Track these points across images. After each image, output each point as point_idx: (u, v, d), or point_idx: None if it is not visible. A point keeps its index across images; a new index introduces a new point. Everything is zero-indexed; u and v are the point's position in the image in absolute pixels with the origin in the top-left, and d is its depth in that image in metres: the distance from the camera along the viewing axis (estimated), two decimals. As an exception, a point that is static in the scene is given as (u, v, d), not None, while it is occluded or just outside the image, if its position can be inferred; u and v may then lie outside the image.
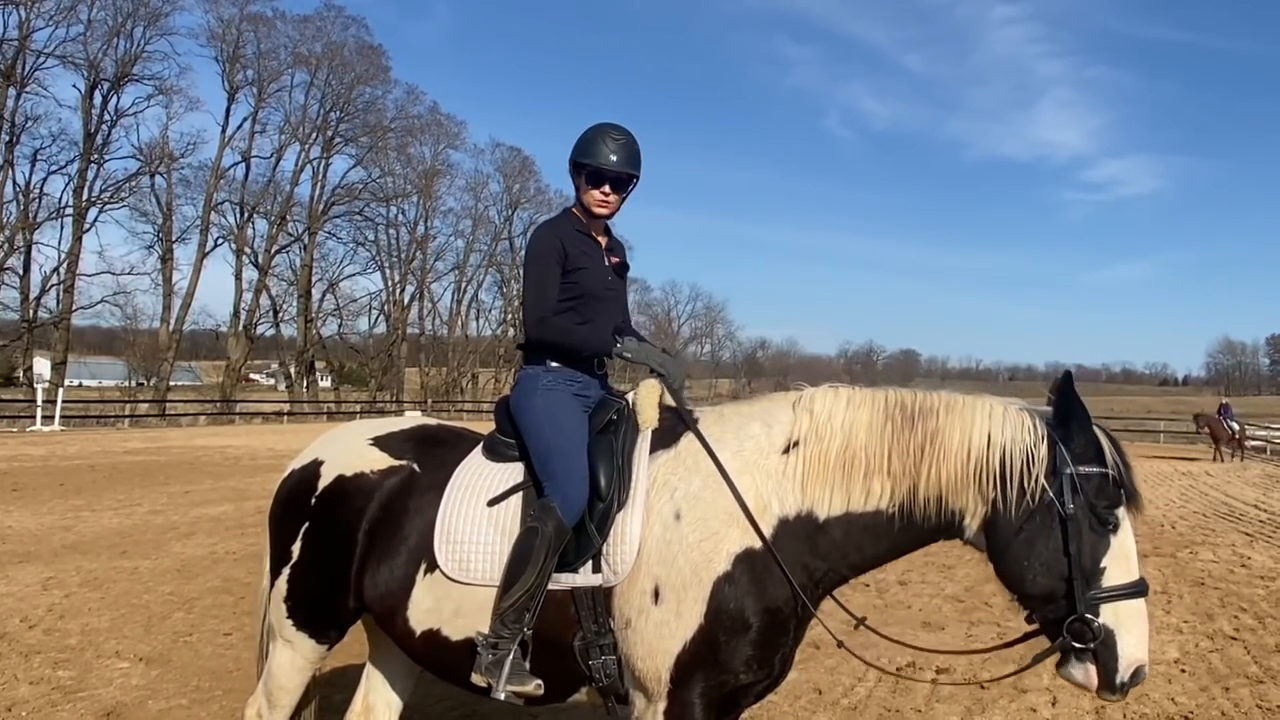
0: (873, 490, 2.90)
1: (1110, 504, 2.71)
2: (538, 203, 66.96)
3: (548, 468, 3.14)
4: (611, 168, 3.34)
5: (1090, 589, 2.67)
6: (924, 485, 2.84)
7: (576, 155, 3.38)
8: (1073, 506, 2.69)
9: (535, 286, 3.34)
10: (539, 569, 2.98)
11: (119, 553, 9.88)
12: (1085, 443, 2.75)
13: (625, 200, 3.48)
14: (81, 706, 5.25)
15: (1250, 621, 7.80)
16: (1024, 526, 2.75)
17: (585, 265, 3.39)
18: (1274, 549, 11.59)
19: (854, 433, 2.93)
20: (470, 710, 5.20)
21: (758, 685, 3.01)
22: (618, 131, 3.39)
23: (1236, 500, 17.36)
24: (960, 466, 2.81)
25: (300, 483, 3.56)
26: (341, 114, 55.58)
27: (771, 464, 3.00)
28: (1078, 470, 2.71)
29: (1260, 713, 5.50)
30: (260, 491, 15.26)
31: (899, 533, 2.94)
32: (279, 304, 55.92)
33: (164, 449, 24.80)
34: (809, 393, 3.10)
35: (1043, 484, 2.72)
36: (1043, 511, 2.73)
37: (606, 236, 3.59)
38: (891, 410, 2.95)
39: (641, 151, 3.44)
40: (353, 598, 3.40)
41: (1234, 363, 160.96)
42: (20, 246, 44.94)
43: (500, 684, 2.99)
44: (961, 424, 2.86)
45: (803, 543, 2.94)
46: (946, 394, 3.01)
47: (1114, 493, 2.72)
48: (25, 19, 42.56)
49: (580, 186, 3.42)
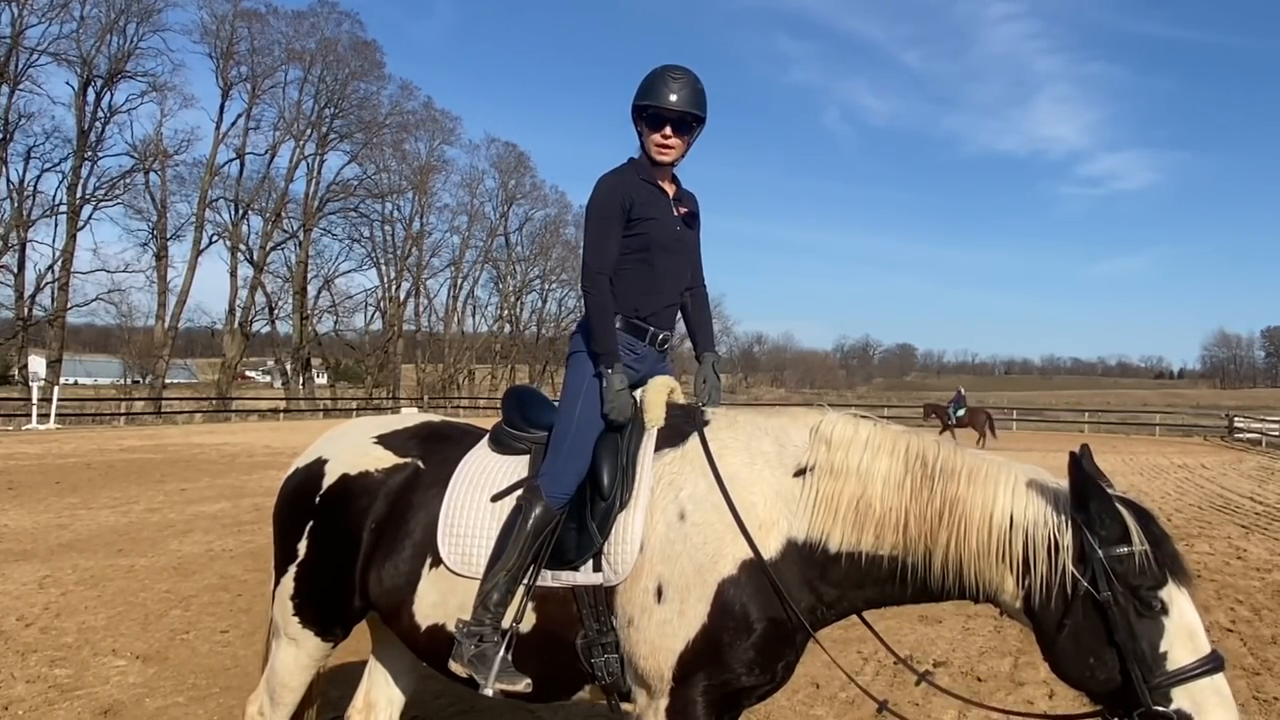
0: (885, 542, 2.80)
1: (1153, 584, 2.46)
2: (533, 198, 67.05)
3: (558, 449, 3.12)
4: (673, 107, 3.18)
5: (1155, 677, 2.43)
6: (940, 554, 2.72)
7: (637, 99, 3.24)
8: (1109, 593, 2.47)
9: (595, 242, 3.21)
10: (519, 549, 2.98)
11: (115, 551, 9.86)
12: (1110, 522, 2.51)
13: (691, 145, 3.32)
14: (79, 705, 5.24)
15: (1246, 613, 7.82)
16: (1065, 619, 2.55)
17: (653, 215, 3.24)
18: (1270, 541, 11.62)
19: (870, 480, 2.81)
20: (468, 706, 5.20)
21: (760, 688, 2.99)
22: (678, 71, 3.24)
23: (1232, 493, 17.39)
24: (981, 545, 2.67)
25: (305, 481, 3.56)
26: (336, 110, 55.40)
27: (784, 484, 2.94)
28: (1108, 553, 2.49)
29: (1257, 704, 5.52)
30: (257, 489, 15.25)
31: (917, 587, 2.83)
32: (274, 301, 55.86)
33: (160, 447, 24.74)
34: (828, 420, 2.99)
35: (1073, 572, 2.53)
36: (1081, 601, 2.52)
37: (674, 185, 3.40)
38: (912, 464, 2.81)
39: (706, 93, 3.25)
40: (358, 596, 3.40)
41: (1229, 355, 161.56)
42: (14, 244, 44.76)
43: (489, 680, 2.99)
44: (983, 498, 2.70)
45: (814, 567, 2.88)
46: (971, 457, 2.84)
47: (1154, 572, 2.47)
48: (18, 16, 42.38)
49: (642, 132, 3.28)
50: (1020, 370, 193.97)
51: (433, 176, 61.07)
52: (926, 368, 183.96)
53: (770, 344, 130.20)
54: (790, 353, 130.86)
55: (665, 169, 3.35)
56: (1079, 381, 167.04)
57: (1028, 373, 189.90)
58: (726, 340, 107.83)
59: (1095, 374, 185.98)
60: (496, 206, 66.35)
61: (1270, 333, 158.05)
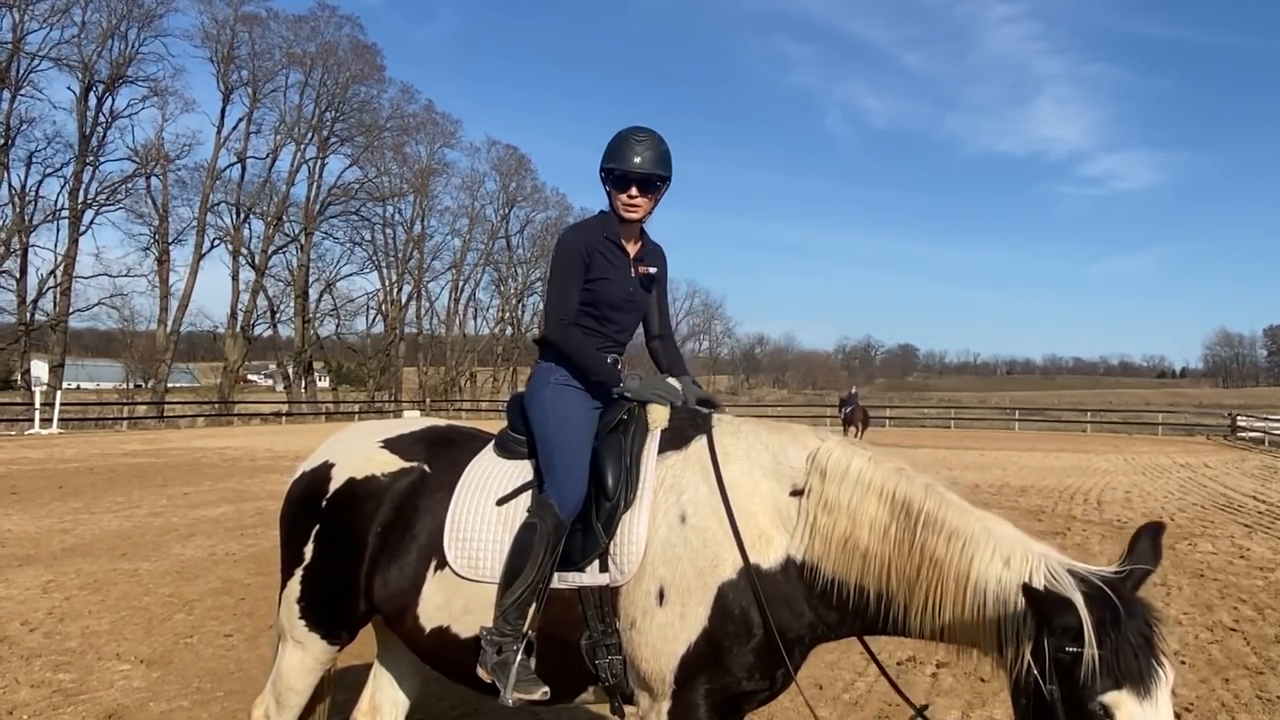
0: (870, 584, 2.81)
1: (1099, 690, 2.34)
2: (534, 200, 67.13)
3: (549, 462, 3.17)
4: (637, 170, 3.31)
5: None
6: (915, 609, 2.73)
7: (604, 161, 3.37)
8: (1054, 688, 2.40)
9: (558, 292, 3.37)
10: (538, 565, 3.00)
11: (119, 555, 9.88)
12: (1065, 622, 2.40)
13: (657, 203, 3.44)
14: (83, 709, 5.25)
15: (1249, 613, 7.82)
16: (1020, 699, 2.53)
17: (606, 275, 3.38)
18: (1273, 540, 11.61)
19: (858, 523, 2.82)
20: (472, 709, 5.21)
21: (760, 693, 3.01)
22: (642, 133, 3.36)
23: (1235, 492, 17.38)
24: (955, 610, 2.66)
25: (311, 485, 3.57)
26: (336, 113, 55.50)
27: (781, 500, 2.97)
28: (1056, 651, 2.40)
29: (1260, 703, 5.52)
30: (260, 492, 15.26)
31: (900, 629, 2.83)
32: (276, 304, 55.89)
33: (162, 451, 24.77)
34: (825, 448, 3.00)
35: (1028, 662, 2.47)
36: (1034, 690, 2.47)
37: (640, 242, 3.53)
38: (897, 512, 2.80)
39: (670, 153, 3.39)
40: (364, 599, 3.41)
41: (1231, 354, 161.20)
42: (16, 249, 44.81)
43: (508, 690, 3.01)
44: (959, 566, 2.67)
45: (809, 587, 2.91)
46: (956, 511, 2.77)
47: (1102, 678, 2.34)
48: (19, 21, 42.43)
49: (610, 192, 3.40)
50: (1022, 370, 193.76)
51: (433, 179, 61.24)
52: (928, 368, 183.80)
53: (772, 345, 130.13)
54: (792, 353, 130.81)
55: (633, 225, 3.45)
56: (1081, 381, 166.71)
57: (1030, 373, 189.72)
58: (728, 342, 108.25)
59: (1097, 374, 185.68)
60: (497, 209, 66.52)
61: (1273, 331, 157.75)
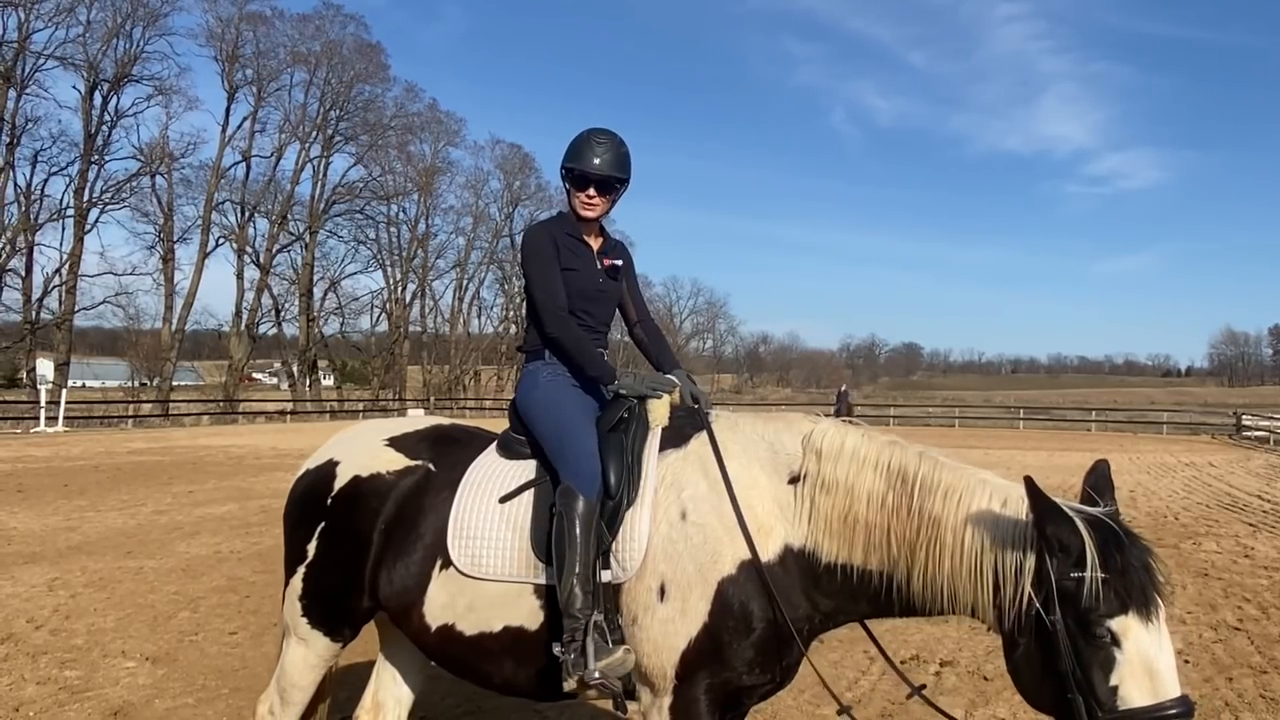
0: (871, 558, 2.84)
1: (1105, 613, 2.37)
2: (538, 199, 66.97)
3: (560, 453, 3.19)
4: (595, 171, 3.41)
5: (1103, 711, 2.36)
6: (918, 573, 2.75)
7: (565, 160, 3.47)
8: (1057, 617, 2.43)
9: (544, 284, 3.41)
10: (580, 548, 2.97)
11: (124, 553, 9.91)
12: (1067, 546, 2.43)
13: (615, 203, 3.55)
14: (89, 706, 5.27)
15: (1254, 612, 7.81)
16: (1019, 640, 2.55)
17: (574, 266, 3.46)
18: (1277, 539, 11.58)
19: (855, 497, 2.86)
20: (475, 707, 5.22)
21: (761, 687, 3.03)
22: (603, 136, 3.46)
23: (1240, 491, 17.34)
24: (955, 565, 2.68)
25: (316, 483, 3.59)
26: (341, 112, 55.60)
27: (780, 490, 3.00)
28: (1060, 577, 2.43)
29: (1264, 703, 5.51)
30: (265, 491, 15.30)
31: (904, 603, 2.86)
32: (280, 303, 56.01)
33: (168, 449, 24.84)
34: (819, 429, 3.04)
35: (1028, 594, 2.49)
36: (1035, 624, 2.49)
37: (601, 238, 3.63)
38: (894, 480, 2.84)
39: (630, 155, 3.50)
40: (368, 597, 3.43)
41: (1237, 353, 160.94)
42: (22, 248, 44.97)
43: (590, 664, 2.89)
44: (957, 518, 2.70)
45: (808, 576, 2.93)
46: (950, 471, 2.81)
47: (1107, 600, 2.38)
48: (24, 20, 42.57)
49: (570, 191, 3.50)
50: (1027, 369, 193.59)
51: (437, 178, 61.28)
52: (933, 367, 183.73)
53: (776, 344, 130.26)
54: (796, 352, 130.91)
55: (591, 223, 3.56)
56: (1086, 380, 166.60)
57: (1034, 371, 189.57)
58: (732, 340, 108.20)
59: (1102, 372, 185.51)
60: (501, 207, 66.56)
61: (1278, 330, 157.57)
